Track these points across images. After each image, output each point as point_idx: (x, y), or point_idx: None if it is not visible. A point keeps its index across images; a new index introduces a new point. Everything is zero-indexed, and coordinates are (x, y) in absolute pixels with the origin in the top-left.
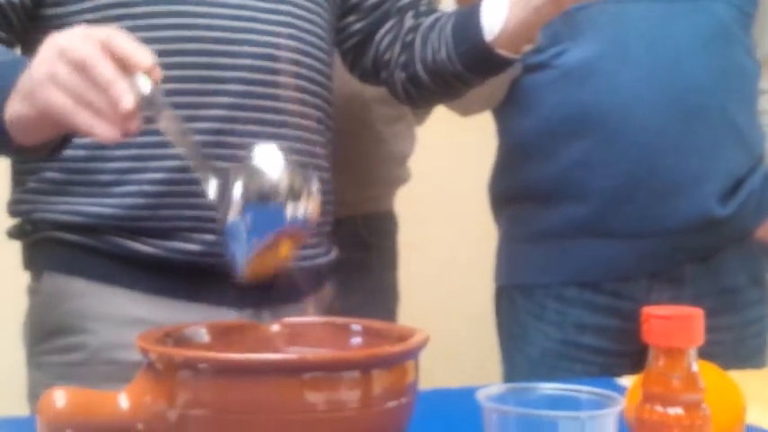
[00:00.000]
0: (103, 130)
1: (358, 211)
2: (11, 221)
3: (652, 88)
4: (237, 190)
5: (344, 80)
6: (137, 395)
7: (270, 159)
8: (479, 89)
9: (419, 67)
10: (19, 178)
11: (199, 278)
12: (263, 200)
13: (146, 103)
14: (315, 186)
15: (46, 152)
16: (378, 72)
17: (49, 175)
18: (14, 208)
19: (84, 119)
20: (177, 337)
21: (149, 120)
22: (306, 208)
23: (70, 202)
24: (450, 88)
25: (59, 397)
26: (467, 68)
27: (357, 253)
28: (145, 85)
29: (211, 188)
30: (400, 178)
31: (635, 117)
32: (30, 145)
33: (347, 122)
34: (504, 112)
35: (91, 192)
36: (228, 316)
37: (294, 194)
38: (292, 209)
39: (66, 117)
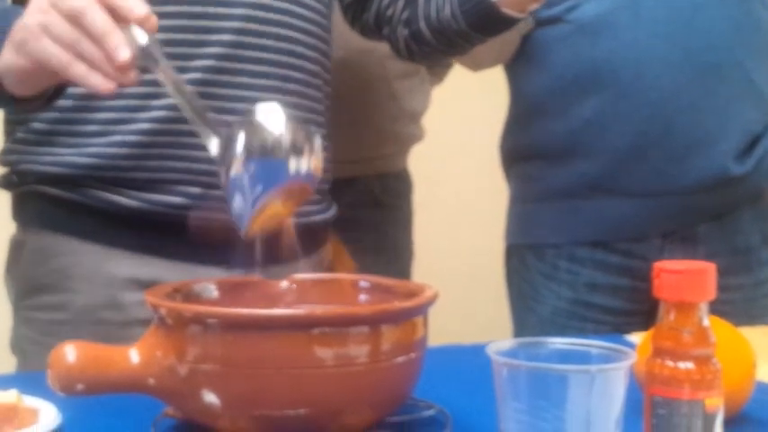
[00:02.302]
0: (99, 82)
1: (371, 170)
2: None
3: (667, 43)
4: (240, 144)
5: (358, 34)
6: (147, 350)
7: (272, 115)
8: (490, 43)
9: (422, 24)
10: (8, 128)
11: (183, 236)
12: (265, 154)
13: (142, 54)
14: (317, 143)
15: (41, 103)
16: (380, 28)
17: (37, 125)
18: (3, 158)
19: (78, 71)
20: (186, 293)
21: (145, 70)
22: (308, 163)
23: (54, 153)
24: (454, 46)
25: (70, 352)
26: (471, 27)
27: (371, 212)
28: (141, 37)
29: (212, 144)
30: (414, 136)
31: (649, 73)
32: (25, 95)
33: (360, 78)
34: (516, 69)
35: (75, 142)
36: (216, 275)
37: (296, 150)
38: (295, 164)
39: (61, 68)
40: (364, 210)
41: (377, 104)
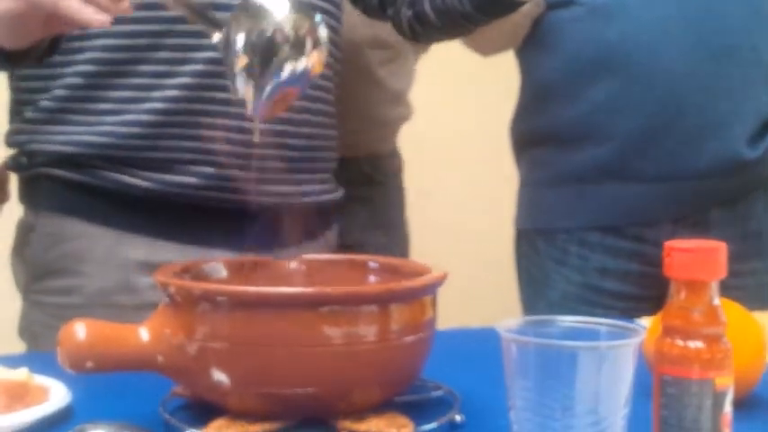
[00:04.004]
0: (91, 15)
1: (362, 152)
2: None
3: (680, 25)
4: (241, 40)
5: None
6: (157, 328)
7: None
8: (501, 28)
9: (427, 5)
10: (16, 108)
11: (196, 219)
12: (266, 51)
13: None
14: (322, 33)
15: (34, 58)
16: (383, 8)
17: (46, 104)
18: (11, 139)
19: (71, 5)
20: (195, 272)
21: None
22: (309, 60)
23: (66, 132)
24: (458, 27)
25: (80, 329)
26: (476, 8)
27: (363, 189)
28: None
29: (215, 38)
30: (401, 116)
31: (662, 57)
32: (17, 48)
33: (343, 69)
34: (527, 52)
35: (87, 120)
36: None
37: (298, 44)
38: (294, 64)
39: (53, 5)
40: (357, 188)
41: (361, 92)
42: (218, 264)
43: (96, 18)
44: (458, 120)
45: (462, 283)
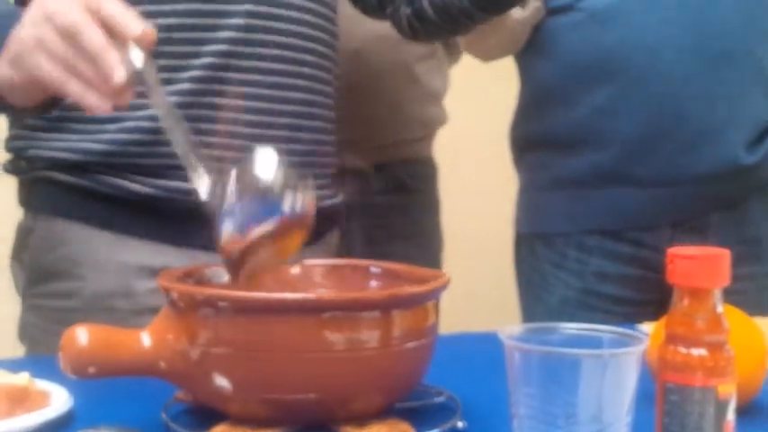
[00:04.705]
0: (94, 103)
1: (398, 156)
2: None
3: (678, 31)
4: (232, 183)
5: (374, 20)
6: (159, 333)
7: (265, 160)
8: (501, 34)
9: (425, 2)
10: (15, 115)
11: (196, 223)
12: (257, 192)
13: (136, 78)
14: (309, 185)
15: (37, 112)
16: (383, 7)
17: None
18: (11, 144)
19: (74, 89)
20: (198, 277)
21: (141, 95)
22: (300, 201)
23: (65, 139)
24: (457, 24)
25: (82, 334)
26: (474, 4)
27: (399, 197)
28: (137, 59)
29: (203, 184)
30: (438, 119)
31: (660, 62)
32: (19, 105)
33: (378, 65)
34: (527, 57)
35: (87, 129)
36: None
37: (288, 188)
38: (287, 201)
39: (56, 86)
40: (392, 195)
41: (398, 89)
42: (220, 268)
43: (99, 106)
44: (459, 123)
45: (464, 287)
